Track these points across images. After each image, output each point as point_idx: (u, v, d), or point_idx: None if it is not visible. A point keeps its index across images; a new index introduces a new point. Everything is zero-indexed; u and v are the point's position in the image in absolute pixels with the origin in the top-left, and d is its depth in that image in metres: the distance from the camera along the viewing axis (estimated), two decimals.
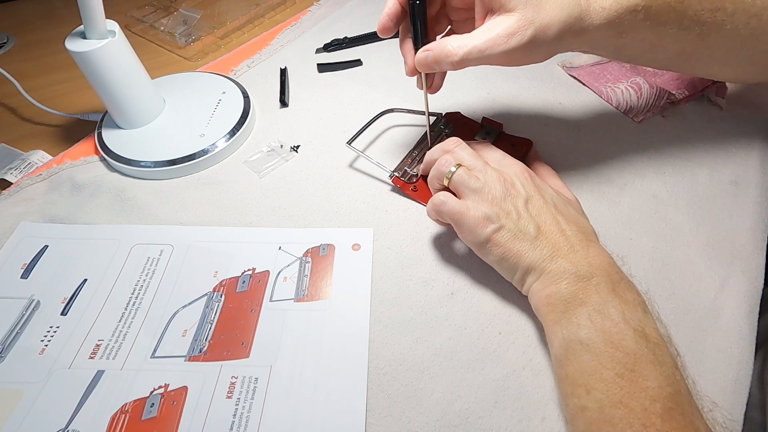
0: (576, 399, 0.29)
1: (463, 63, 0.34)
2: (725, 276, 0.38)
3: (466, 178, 0.35)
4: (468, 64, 0.34)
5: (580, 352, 0.29)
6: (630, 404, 0.26)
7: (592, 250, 0.33)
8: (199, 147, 0.48)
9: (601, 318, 0.30)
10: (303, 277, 0.39)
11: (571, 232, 0.34)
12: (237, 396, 0.33)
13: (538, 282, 0.33)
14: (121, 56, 0.45)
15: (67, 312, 0.37)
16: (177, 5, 0.69)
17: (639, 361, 0.28)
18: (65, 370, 0.34)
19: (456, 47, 0.34)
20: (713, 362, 0.33)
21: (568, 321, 0.30)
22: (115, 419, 0.32)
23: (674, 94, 0.50)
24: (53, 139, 0.54)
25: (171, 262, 0.40)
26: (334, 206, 0.44)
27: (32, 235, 0.43)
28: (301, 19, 0.68)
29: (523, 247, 0.33)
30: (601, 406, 0.27)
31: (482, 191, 0.35)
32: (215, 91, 0.53)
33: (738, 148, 0.47)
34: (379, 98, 0.55)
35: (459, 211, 0.35)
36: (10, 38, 0.68)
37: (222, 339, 0.36)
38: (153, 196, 0.46)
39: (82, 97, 0.58)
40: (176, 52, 0.65)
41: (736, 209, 0.42)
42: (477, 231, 0.34)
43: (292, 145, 0.50)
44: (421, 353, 0.35)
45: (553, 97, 0.54)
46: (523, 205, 0.34)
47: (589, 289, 0.31)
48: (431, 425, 0.31)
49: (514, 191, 0.35)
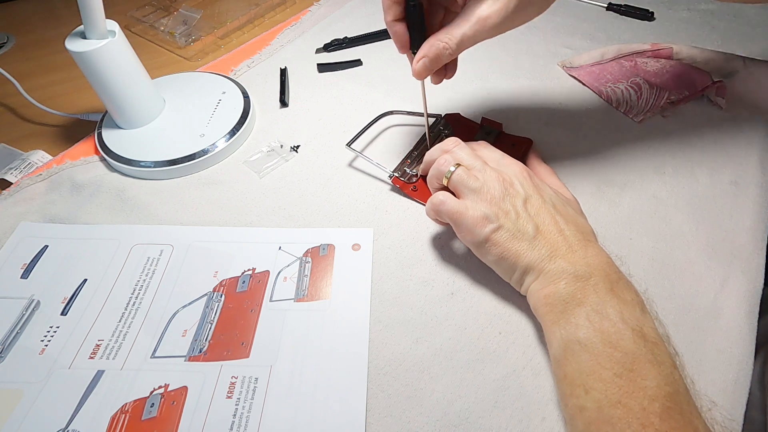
0: (575, 399, 0.29)
1: (460, 50, 0.34)
2: (725, 276, 0.38)
3: (465, 177, 0.35)
4: (466, 48, 0.35)
5: (578, 352, 0.29)
6: (628, 404, 0.26)
7: (591, 250, 0.33)
8: (199, 147, 0.48)
9: (599, 318, 0.30)
10: (303, 277, 0.39)
11: (569, 232, 0.34)
12: (237, 396, 0.33)
13: (537, 282, 0.33)
14: (121, 56, 0.45)
15: (67, 312, 0.37)
16: (177, 5, 0.69)
17: (637, 361, 0.28)
18: (65, 370, 0.34)
19: (448, 40, 0.34)
20: (713, 362, 0.33)
21: (566, 321, 0.30)
22: (115, 419, 0.32)
23: (674, 94, 0.50)
24: (53, 139, 0.54)
25: (171, 262, 0.40)
26: (334, 206, 0.44)
27: (32, 235, 0.43)
28: (301, 19, 0.68)
29: (521, 246, 0.33)
30: (600, 406, 0.27)
31: (481, 191, 0.35)
32: (215, 91, 0.53)
33: (738, 148, 0.47)
34: (379, 98, 0.55)
35: (458, 211, 0.35)
36: (10, 38, 0.68)
37: (222, 339, 0.36)
38: (153, 196, 0.46)
39: (82, 97, 0.58)
40: (176, 52, 0.65)
41: (736, 209, 0.42)
42: (476, 231, 0.34)
43: (292, 145, 0.50)
44: (421, 353, 0.35)
45: (553, 97, 0.54)
46: (522, 205, 0.34)
47: (588, 289, 0.31)
48: (431, 425, 0.31)
49: (512, 191, 0.35)
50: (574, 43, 0.61)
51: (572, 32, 0.63)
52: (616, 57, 0.56)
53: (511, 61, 0.59)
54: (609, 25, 0.63)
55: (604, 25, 0.64)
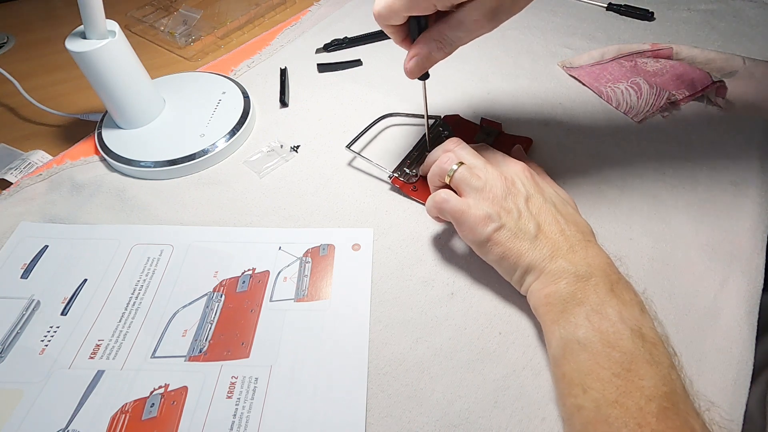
0: (573, 398, 0.29)
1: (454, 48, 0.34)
2: (725, 276, 0.38)
3: (467, 176, 0.35)
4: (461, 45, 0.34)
5: (577, 352, 0.29)
6: (626, 403, 0.26)
7: (591, 251, 0.33)
8: (199, 147, 0.48)
9: (598, 318, 0.30)
10: (303, 277, 0.39)
11: (570, 231, 0.34)
12: (237, 396, 0.33)
13: (538, 282, 0.33)
14: (121, 56, 0.45)
15: (67, 312, 0.37)
16: (177, 5, 0.69)
17: (635, 361, 0.28)
18: (65, 370, 0.34)
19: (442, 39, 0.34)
20: (713, 362, 0.33)
21: (565, 321, 0.31)
22: (115, 419, 0.32)
23: (674, 94, 0.50)
24: (53, 139, 0.54)
25: (171, 262, 0.40)
26: (334, 206, 0.44)
27: (32, 235, 0.43)
28: (301, 19, 0.68)
29: (523, 246, 0.33)
30: (598, 406, 0.27)
31: (483, 190, 0.35)
32: (215, 91, 0.53)
33: (738, 149, 0.47)
34: (379, 98, 0.54)
35: (460, 209, 0.35)
36: (10, 38, 0.68)
37: (222, 339, 0.36)
38: (153, 196, 0.46)
39: (82, 97, 0.58)
40: (176, 52, 0.65)
41: (736, 209, 0.42)
42: (478, 230, 0.34)
43: (292, 145, 0.50)
44: (421, 353, 0.35)
45: (553, 97, 0.54)
46: (524, 204, 0.34)
47: (588, 289, 0.31)
48: (431, 425, 0.31)
49: (514, 189, 0.35)
50: (574, 43, 0.61)
51: (572, 32, 0.63)
52: (616, 57, 0.56)
53: (511, 61, 0.59)
54: (609, 25, 0.63)
55: (604, 25, 0.64)
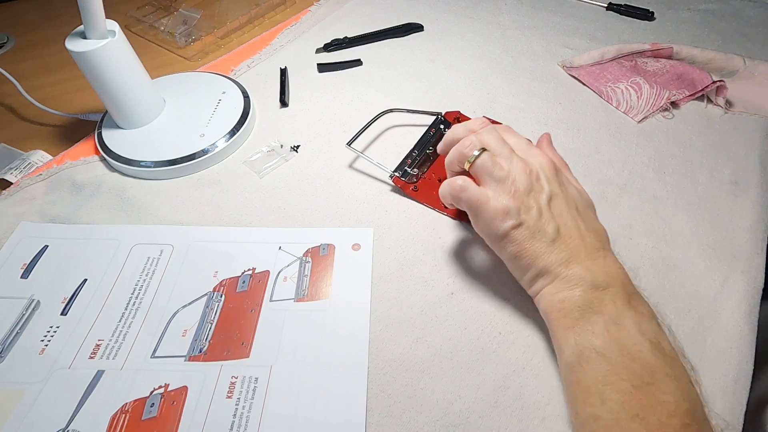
0: (589, 408, 0.28)
1: None
2: (725, 276, 0.38)
3: (490, 165, 0.33)
4: None
5: (594, 360, 0.28)
6: (647, 418, 0.26)
7: (609, 260, 0.32)
8: (199, 147, 0.47)
9: (617, 328, 0.29)
10: (303, 277, 0.39)
11: (590, 239, 0.32)
12: (237, 396, 0.33)
13: (551, 286, 0.32)
14: (121, 56, 0.45)
15: (67, 312, 0.37)
16: (177, 5, 0.69)
17: (656, 374, 0.27)
18: (65, 370, 0.34)
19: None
20: (713, 362, 0.33)
21: (582, 328, 0.30)
22: (115, 419, 0.32)
23: (674, 93, 0.50)
24: (53, 139, 0.54)
25: (171, 262, 0.40)
26: (334, 206, 0.44)
27: (32, 235, 0.43)
28: (301, 19, 0.68)
29: (540, 248, 0.32)
30: (617, 418, 0.27)
31: (506, 182, 0.32)
32: (215, 91, 0.53)
33: (738, 148, 0.47)
34: (379, 98, 0.54)
35: (479, 200, 0.33)
36: (10, 38, 0.68)
37: (222, 339, 0.36)
38: (153, 196, 0.46)
39: (82, 97, 0.58)
40: (176, 52, 0.65)
41: (736, 209, 0.42)
42: (495, 224, 0.32)
43: (292, 145, 0.50)
44: (421, 353, 0.35)
45: (553, 97, 0.54)
46: (546, 203, 0.32)
47: (605, 299, 0.30)
48: (431, 425, 0.31)
49: (538, 186, 0.33)
50: (574, 43, 0.61)
51: (572, 32, 0.63)
52: (616, 57, 0.56)
53: (511, 61, 0.59)
54: (609, 25, 0.64)
55: (604, 25, 0.64)
